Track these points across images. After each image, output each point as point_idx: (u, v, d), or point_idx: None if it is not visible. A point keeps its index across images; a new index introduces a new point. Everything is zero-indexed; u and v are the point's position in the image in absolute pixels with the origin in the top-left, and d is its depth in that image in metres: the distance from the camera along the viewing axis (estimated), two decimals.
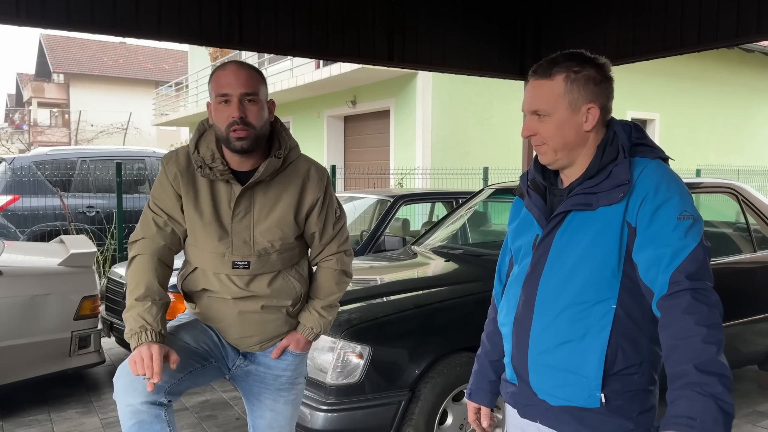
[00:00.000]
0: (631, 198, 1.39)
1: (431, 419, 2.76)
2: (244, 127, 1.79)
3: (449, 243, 4.39)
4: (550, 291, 1.46)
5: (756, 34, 4.53)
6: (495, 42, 6.10)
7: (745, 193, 4.26)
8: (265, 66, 14.94)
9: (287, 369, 2.06)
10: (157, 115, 23.50)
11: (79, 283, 3.94)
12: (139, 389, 1.72)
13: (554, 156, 1.47)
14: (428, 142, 10.34)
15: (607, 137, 1.46)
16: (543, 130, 1.45)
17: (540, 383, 1.49)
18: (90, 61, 32.90)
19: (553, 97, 1.43)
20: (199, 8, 4.75)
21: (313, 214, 1.98)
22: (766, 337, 4.03)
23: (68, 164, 7.18)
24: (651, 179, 1.39)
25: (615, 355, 1.40)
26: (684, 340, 1.26)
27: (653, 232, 1.35)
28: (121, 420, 1.76)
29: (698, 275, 1.30)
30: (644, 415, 1.44)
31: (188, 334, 1.93)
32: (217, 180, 1.88)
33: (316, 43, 5.23)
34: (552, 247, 1.47)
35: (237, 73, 1.80)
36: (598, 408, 1.42)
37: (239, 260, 1.87)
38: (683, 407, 1.20)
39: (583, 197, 1.43)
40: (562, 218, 1.47)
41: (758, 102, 14.95)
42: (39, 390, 4.11)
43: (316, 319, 2.03)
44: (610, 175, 1.41)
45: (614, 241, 1.39)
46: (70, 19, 4.41)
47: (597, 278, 1.41)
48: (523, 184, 1.61)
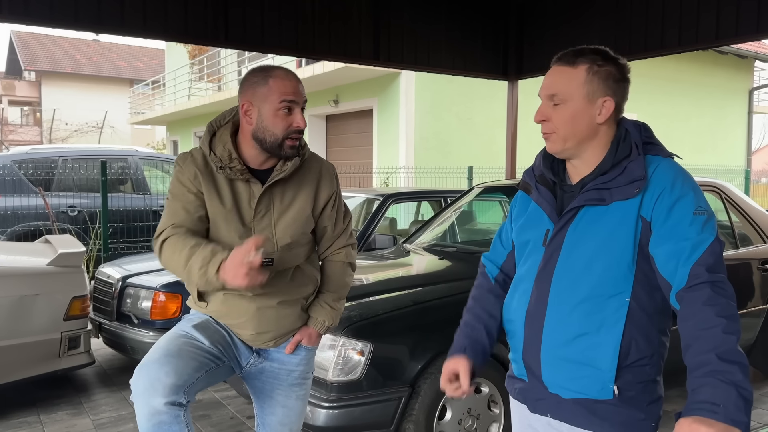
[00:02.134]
0: (647, 193, 1.42)
1: (431, 415, 2.79)
2: (299, 137, 1.87)
3: (440, 241, 4.42)
4: (565, 285, 1.48)
5: (735, 36, 4.65)
6: (479, 43, 6.16)
7: (727, 191, 4.37)
8: (246, 64, 14.85)
9: (300, 364, 2.09)
10: (132, 114, 23.20)
11: (68, 283, 3.89)
12: (160, 390, 1.71)
13: (563, 145, 1.49)
14: (411, 141, 10.39)
15: (619, 134, 1.50)
16: (556, 116, 1.48)
17: (553, 377, 1.51)
18: (62, 59, 32.31)
19: (573, 84, 1.46)
20: (185, 6, 4.72)
21: (327, 208, 2.03)
22: (747, 332, 4.14)
23: (49, 163, 7.07)
24: (667, 176, 1.43)
25: (629, 347, 1.44)
26: (705, 331, 1.30)
27: (671, 227, 1.39)
28: (139, 421, 1.74)
29: (716, 268, 1.35)
30: (653, 405, 1.49)
31: (202, 333, 1.93)
32: (236, 179, 1.89)
33: (302, 41, 5.23)
34: (565, 241, 1.49)
35: (298, 82, 1.86)
36: (611, 399, 1.45)
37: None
38: (706, 394, 1.24)
39: (596, 192, 1.45)
40: (574, 213, 1.49)
41: (731, 102, 15.31)
42: (27, 392, 4.05)
43: (327, 311, 2.06)
44: (625, 170, 1.44)
45: (629, 235, 1.43)
46: (54, 16, 4.37)
47: (612, 272, 1.44)
48: (530, 179, 1.63)
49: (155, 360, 1.78)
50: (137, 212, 7.18)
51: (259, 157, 1.90)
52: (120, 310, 4.29)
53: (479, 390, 2.96)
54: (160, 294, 4.10)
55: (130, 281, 4.32)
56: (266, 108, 1.83)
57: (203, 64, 17.07)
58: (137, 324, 4.15)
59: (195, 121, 18.29)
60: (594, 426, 1.48)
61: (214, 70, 16.81)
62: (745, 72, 15.60)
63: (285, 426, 2.13)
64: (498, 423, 3.01)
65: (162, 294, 4.10)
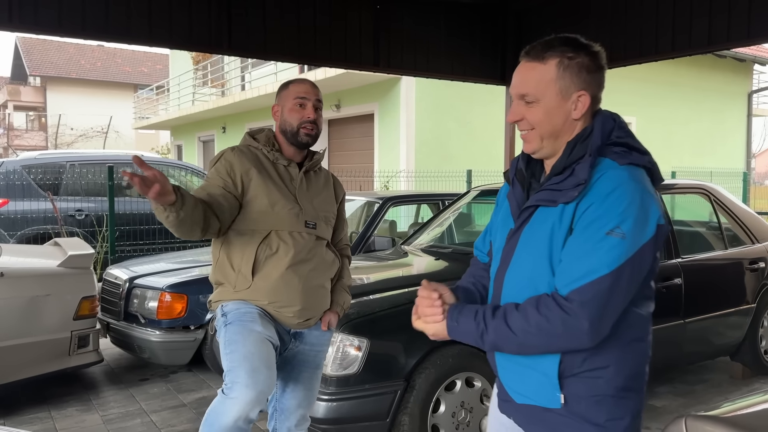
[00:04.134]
0: (583, 200, 1.34)
1: (425, 407, 2.92)
2: (312, 127, 2.29)
3: (437, 242, 4.55)
4: (514, 286, 1.44)
5: (726, 41, 4.76)
6: (477, 49, 6.28)
7: (717, 193, 4.50)
8: (248, 70, 15.02)
9: (325, 344, 2.43)
10: (137, 119, 23.39)
11: (78, 283, 4.03)
12: (262, 402, 2.08)
13: (540, 144, 1.42)
14: (412, 145, 10.52)
15: (580, 134, 1.41)
16: (530, 115, 1.40)
17: (507, 380, 1.49)
18: (67, 64, 32.57)
19: (543, 82, 1.38)
20: (189, 15, 4.86)
21: (341, 204, 2.50)
22: (736, 330, 4.26)
23: (57, 168, 7.23)
24: (606, 187, 1.33)
25: (573, 355, 1.36)
26: (519, 310, 1.36)
27: (580, 239, 1.33)
28: (222, 416, 2.03)
29: (585, 302, 1.29)
30: (614, 423, 1.38)
31: (269, 330, 2.18)
32: (278, 162, 2.31)
33: (304, 48, 5.36)
34: (519, 242, 1.44)
35: (312, 85, 2.34)
36: (559, 409, 1.39)
37: (309, 220, 2.27)
38: (468, 312, 1.42)
39: (548, 193, 1.39)
40: (530, 213, 1.43)
41: (730, 105, 15.40)
42: (37, 389, 4.18)
43: (345, 296, 2.44)
44: (573, 173, 1.37)
45: (563, 240, 1.36)
46: (62, 24, 4.50)
47: (550, 275, 1.37)
48: (512, 170, 1.57)
49: (264, 369, 2.06)
50: (143, 216, 7.33)
51: (290, 149, 2.34)
52: (127, 310, 4.43)
53: (472, 384, 3.09)
54: (166, 294, 4.24)
55: (137, 282, 4.46)
56: (286, 105, 2.31)
57: (207, 70, 17.24)
58: (144, 323, 4.29)
59: (199, 125, 18.46)
60: None
61: (218, 75, 16.98)
62: (744, 75, 15.69)
63: (302, 408, 2.39)
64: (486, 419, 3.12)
65: (168, 294, 4.24)
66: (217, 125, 17.17)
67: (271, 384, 2.08)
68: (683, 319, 3.84)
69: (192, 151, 19.53)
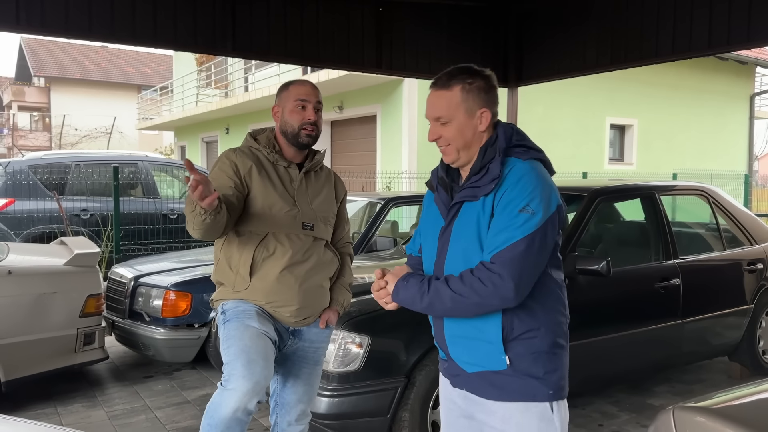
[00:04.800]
0: (499, 190, 1.65)
1: (425, 404, 2.97)
2: (313, 128, 2.32)
3: None
4: (452, 270, 1.71)
5: (726, 44, 4.79)
6: (479, 51, 6.32)
7: (716, 195, 4.54)
8: (252, 71, 15.09)
9: (324, 341, 2.46)
10: (141, 119, 23.49)
11: (84, 282, 4.09)
12: (258, 392, 2.12)
13: (457, 155, 1.73)
14: (414, 146, 10.58)
15: (489, 141, 1.73)
16: (446, 133, 1.71)
17: (457, 354, 1.76)
18: (71, 65, 32.69)
19: (452, 105, 1.69)
20: (194, 16, 4.92)
21: (342, 204, 2.53)
22: (734, 330, 4.30)
23: (63, 168, 7.30)
24: (515, 176, 1.65)
25: (511, 321, 1.66)
26: (459, 276, 1.64)
27: (499, 218, 1.63)
28: (220, 408, 2.09)
29: (505, 263, 1.58)
30: (551, 375, 1.69)
31: (267, 327, 2.24)
32: (278, 164, 2.34)
33: (307, 50, 5.41)
34: (452, 235, 1.74)
35: (313, 87, 2.37)
36: (506, 370, 1.67)
37: (307, 222, 2.31)
38: (414, 279, 1.71)
39: (469, 190, 1.70)
40: (457, 209, 1.74)
41: (732, 108, 15.42)
42: (43, 386, 4.24)
43: (345, 294, 2.47)
44: (488, 171, 1.68)
45: (488, 225, 1.67)
46: (69, 26, 4.56)
47: (480, 253, 1.66)
48: (434, 179, 1.87)
49: (260, 360, 2.11)
50: (147, 215, 7.39)
51: (290, 150, 2.37)
52: (132, 308, 4.48)
53: None
54: (171, 293, 4.30)
55: (141, 281, 4.52)
56: (287, 107, 2.34)
57: (211, 71, 17.32)
58: (149, 321, 4.35)
59: (202, 126, 18.54)
60: (494, 395, 1.69)
61: (222, 77, 17.05)
62: (746, 78, 15.71)
63: (302, 403, 2.44)
64: None
65: (173, 293, 4.29)
66: (221, 126, 17.24)
67: (267, 375, 2.13)
68: (681, 319, 3.89)
69: (195, 152, 19.61)
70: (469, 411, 1.79)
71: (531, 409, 1.66)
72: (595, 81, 9.49)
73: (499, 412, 1.69)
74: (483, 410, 1.74)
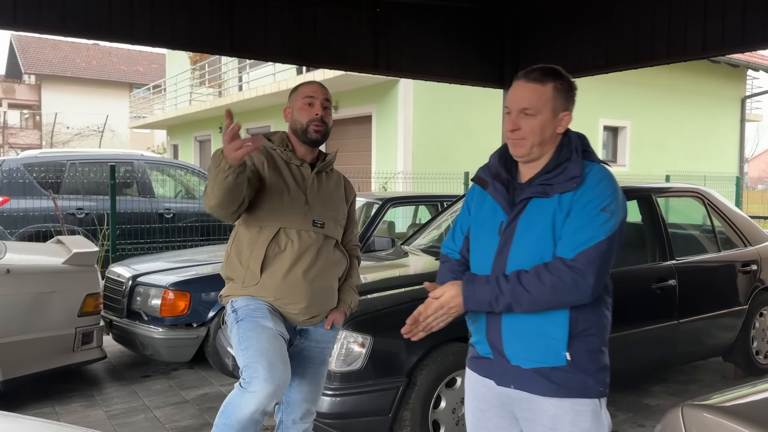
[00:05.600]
0: (579, 189, 1.69)
1: (426, 403, 2.99)
2: (321, 124, 2.36)
3: (436, 243, 4.62)
4: (518, 264, 1.72)
5: (721, 48, 4.85)
6: (475, 52, 6.35)
7: (710, 197, 4.59)
8: (246, 71, 15.06)
9: (330, 341, 2.48)
10: (133, 118, 23.38)
11: (82, 280, 4.09)
12: (279, 395, 2.15)
13: (529, 150, 1.75)
14: (409, 147, 10.60)
15: (563, 141, 1.78)
16: (526, 126, 1.73)
17: (514, 351, 1.75)
18: (62, 63, 32.49)
19: (543, 100, 1.73)
20: (192, 16, 4.92)
21: (351, 206, 2.57)
22: (729, 331, 4.35)
23: (58, 167, 7.27)
24: (596, 177, 1.71)
25: (577, 318, 1.69)
26: (529, 273, 1.67)
27: (580, 215, 1.66)
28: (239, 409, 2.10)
29: (588, 262, 1.63)
30: (600, 373, 1.74)
31: (276, 323, 2.25)
32: (291, 162, 2.38)
33: (304, 50, 5.42)
34: (516, 230, 1.74)
35: (320, 86, 2.43)
36: (565, 366, 1.70)
37: (317, 219, 2.34)
38: (480, 281, 1.72)
39: (541, 187, 1.73)
40: (524, 205, 1.75)
41: (724, 110, 15.55)
42: (41, 385, 4.23)
43: (353, 295, 2.50)
44: (565, 170, 1.72)
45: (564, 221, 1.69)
46: (66, 25, 4.55)
47: (553, 249, 1.69)
48: (486, 175, 1.88)
49: (280, 363, 2.14)
50: (143, 215, 7.37)
51: (301, 148, 2.42)
52: (130, 307, 4.48)
53: None
54: (170, 292, 4.30)
55: (140, 280, 4.51)
56: (296, 105, 2.40)
57: (204, 70, 17.27)
58: (147, 321, 4.34)
59: (196, 125, 18.49)
60: (550, 391, 1.70)
61: (215, 75, 17.01)
62: (738, 80, 15.85)
63: (307, 402, 2.46)
64: None
65: (171, 292, 4.29)
66: (214, 125, 17.20)
67: (287, 378, 2.15)
68: (677, 319, 3.93)
69: (188, 151, 19.55)
70: (510, 410, 1.80)
71: (584, 406, 1.70)
72: (588, 82, 9.50)
73: (551, 410, 1.70)
74: (530, 408, 1.74)
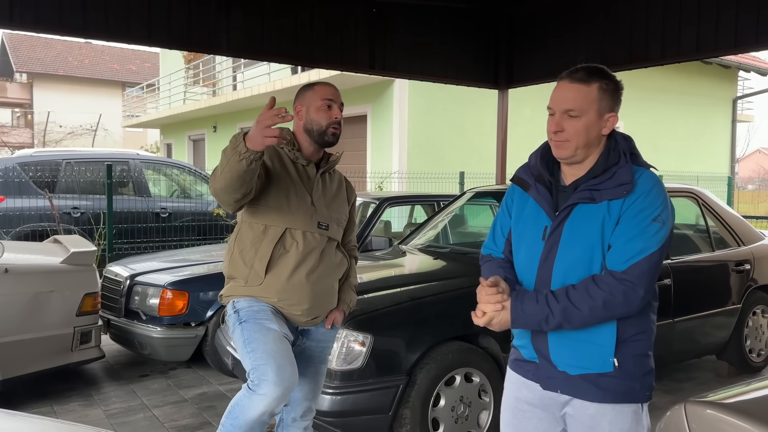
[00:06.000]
0: (631, 195, 1.66)
1: (426, 402, 3.02)
2: (339, 127, 2.41)
3: (434, 242, 4.66)
4: (565, 274, 1.70)
5: (714, 50, 4.91)
6: (470, 53, 6.39)
7: (705, 197, 4.64)
8: (241, 70, 15.04)
9: (330, 340, 2.51)
10: (126, 117, 23.29)
11: (81, 280, 4.09)
12: (287, 397, 2.16)
13: (573, 152, 1.70)
14: (404, 147, 10.63)
15: (610, 144, 1.74)
16: (570, 127, 1.68)
17: (560, 357, 1.73)
18: (54, 61, 32.31)
19: (588, 101, 1.67)
20: (189, 16, 4.93)
21: (352, 207, 2.59)
22: (722, 330, 4.40)
23: (53, 166, 7.25)
24: (647, 185, 1.67)
25: (625, 324, 1.67)
26: (578, 290, 1.64)
27: (631, 225, 1.63)
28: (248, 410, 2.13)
29: (641, 275, 1.61)
30: (646, 377, 1.72)
31: (280, 325, 2.28)
32: (297, 161, 2.39)
33: (301, 50, 5.45)
34: (563, 236, 1.71)
35: (336, 89, 2.47)
36: (612, 372, 1.68)
37: (322, 221, 2.35)
38: (528, 300, 1.67)
39: (588, 192, 1.69)
40: (569, 210, 1.71)
41: (716, 111, 15.66)
42: (39, 385, 4.23)
43: (352, 294, 2.53)
44: (614, 175, 1.67)
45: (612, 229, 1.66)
46: (63, 24, 4.56)
47: (603, 258, 1.67)
48: (528, 176, 1.83)
49: (288, 366, 2.16)
50: (139, 214, 7.37)
51: (310, 148, 2.42)
52: (128, 307, 4.49)
53: (471, 380, 3.19)
54: (168, 292, 4.30)
55: (138, 279, 4.52)
56: (313, 105, 2.39)
57: (199, 69, 17.24)
58: (145, 320, 4.35)
59: (190, 124, 18.44)
60: (597, 397, 1.68)
61: (210, 75, 16.98)
62: (729, 81, 15.96)
63: (307, 400, 2.49)
64: (488, 410, 3.23)
65: (170, 292, 4.30)
66: (208, 124, 17.17)
67: (295, 380, 2.16)
68: (672, 318, 3.97)
69: (182, 150, 19.50)
70: (552, 411, 1.79)
71: (625, 407, 1.69)
72: None
73: (591, 408, 1.70)
74: (572, 405, 1.74)
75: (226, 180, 2.06)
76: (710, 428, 1.43)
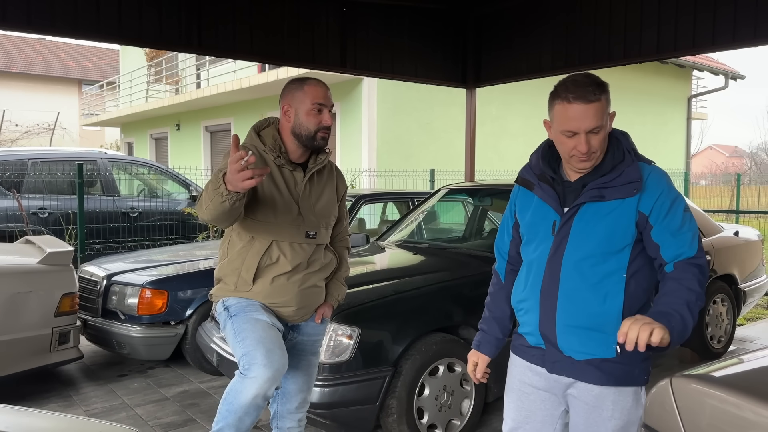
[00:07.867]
0: (645, 193, 1.77)
1: (411, 391, 3.12)
2: (327, 132, 2.35)
3: (410, 238, 4.76)
4: (573, 266, 1.80)
5: (674, 50, 5.13)
6: (440, 53, 6.52)
7: None
8: (206, 67, 14.89)
9: (320, 334, 2.57)
10: (84, 115, 22.76)
11: (58, 280, 4.05)
12: (278, 379, 2.19)
13: (597, 160, 1.81)
14: (374, 145, 10.72)
15: (612, 141, 1.85)
16: (596, 143, 1.77)
17: (567, 343, 1.83)
18: (6, 58, 31.31)
19: (603, 114, 1.77)
20: (159, 14, 4.92)
21: (342, 200, 2.58)
22: None
23: (19, 165, 7.10)
24: (661, 181, 1.81)
25: (628, 314, 1.77)
26: (683, 288, 1.72)
27: (672, 221, 1.76)
28: (241, 394, 2.16)
29: (701, 253, 1.77)
30: (645, 363, 1.85)
31: (269, 317, 2.32)
32: (284, 167, 2.34)
33: (273, 49, 5.48)
34: (572, 231, 1.81)
35: (327, 90, 2.35)
36: (615, 357, 1.80)
37: (310, 230, 2.34)
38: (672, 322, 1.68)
39: (597, 191, 1.79)
40: (579, 207, 1.81)
41: (671, 109, 16.20)
42: (15, 387, 4.17)
43: (341, 288, 2.57)
44: (622, 174, 1.78)
45: (629, 225, 1.77)
46: (31, 22, 4.50)
47: (613, 254, 1.78)
48: (530, 176, 1.94)
49: (277, 349, 2.20)
50: (109, 214, 7.28)
51: (297, 150, 2.37)
52: (105, 307, 4.46)
53: (453, 369, 3.30)
54: (147, 291, 4.30)
55: (115, 279, 4.50)
56: (302, 108, 2.30)
57: (161, 66, 16.99)
58: (124, 320, 4.34)
59: (151, 122, 18.16)
60: (600, 380, 1.81)
61: (173, 72, 16.75)
62: (684, 81, 16.53)
63: (302, 392, 2.56)
64: (469, 399, 3.35)
65: (148, 291, 4.30)
66: (171, 122, 16.94)
67: (285, 363, 2.22)
68: None
69: (144, 149, 19.18)
70: (555, 392, 1.91)
71: (627, 389, 1.82)
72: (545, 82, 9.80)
73: (595, 389, 1.82)
74: (575, 386, 1.86)
75: (212, 215, 2.09)
76: (696, 401, 1.56)
